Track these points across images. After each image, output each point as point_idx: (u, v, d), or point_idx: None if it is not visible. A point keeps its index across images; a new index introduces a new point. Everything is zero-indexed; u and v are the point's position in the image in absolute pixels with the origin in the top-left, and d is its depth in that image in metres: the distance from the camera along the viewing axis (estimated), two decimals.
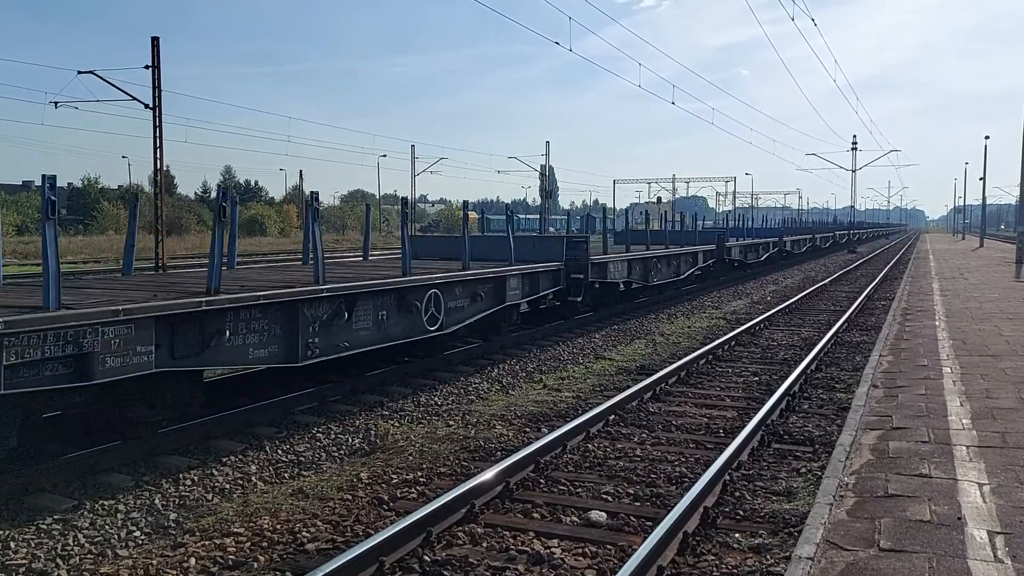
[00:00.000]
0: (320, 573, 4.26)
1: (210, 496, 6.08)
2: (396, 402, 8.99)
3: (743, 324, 15.14)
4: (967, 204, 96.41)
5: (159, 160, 23.98)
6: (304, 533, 5.28)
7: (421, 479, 6.39)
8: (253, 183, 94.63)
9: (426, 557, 4.85)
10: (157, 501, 5.90)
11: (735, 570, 4.70)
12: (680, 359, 11.19)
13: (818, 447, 7.16)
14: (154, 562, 4.85)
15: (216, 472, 6.57)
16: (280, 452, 7.16)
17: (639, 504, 5.84)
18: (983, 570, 3.98)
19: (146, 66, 23.58)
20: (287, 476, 6.57)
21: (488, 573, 4.70)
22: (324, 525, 5.44)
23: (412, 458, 6.98)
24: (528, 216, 66.42)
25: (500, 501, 5.84)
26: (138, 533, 5.34)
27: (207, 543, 5.14)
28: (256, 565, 4.81)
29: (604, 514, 5.55)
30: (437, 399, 9.23)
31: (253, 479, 6.46)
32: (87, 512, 5.65)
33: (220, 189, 8.06)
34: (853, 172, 67.88)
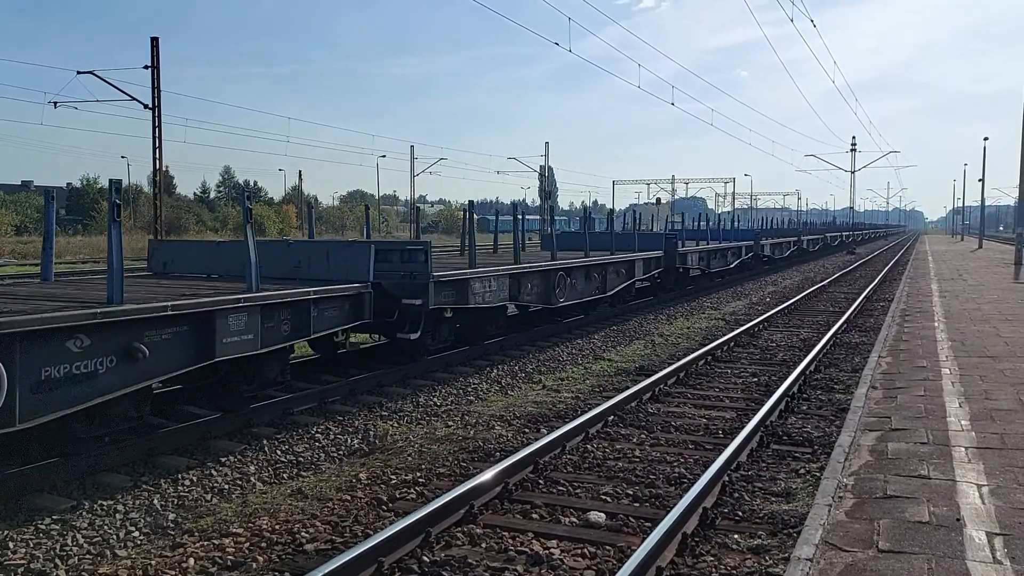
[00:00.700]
0: (319, 573, 4.26)
1: (209, 496, 6.07)
2: (395, 402, 8.99)
3: (742, 325, 15.15)
4: (966, 205, 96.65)
5: (158, 160, 23.98)
6: (303, 533, 5.28)
7: (420, 479, 6.39)
8: (252, 183, 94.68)
9: (425, 558, 4.85)
10: (156, 501, 5.89)
11: (734, 571, 4.70)
12: (679, 360, 11.19)
13: (817, 448, 7.16)
14: (153, 562, 4.85)
15: (215, 472, 6.57)
16: (279, 452, 7.16)
17: (638, 505, 5.84)
18: (982, 571, 3.98)
19: (145, 66, 23.60)
20: (286, 476, 6.57)
21: (487, 574, 4.69)
22: (323, 525, 5.44)
23: (411, 459, 6.98)
24: (528, 216, 66.39)
25: (499, 502, 5.84)
26: (137, 533, 5.34)
27: (206, 543, 5.14)
28: (255, 565, 4.81)
29: (603, 515, 5.55)
30: (436, 399, 9.22)
31: (252, 479, 6.46)
32: (86, 512, 5.65)
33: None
34: (852, 173, 67.95)
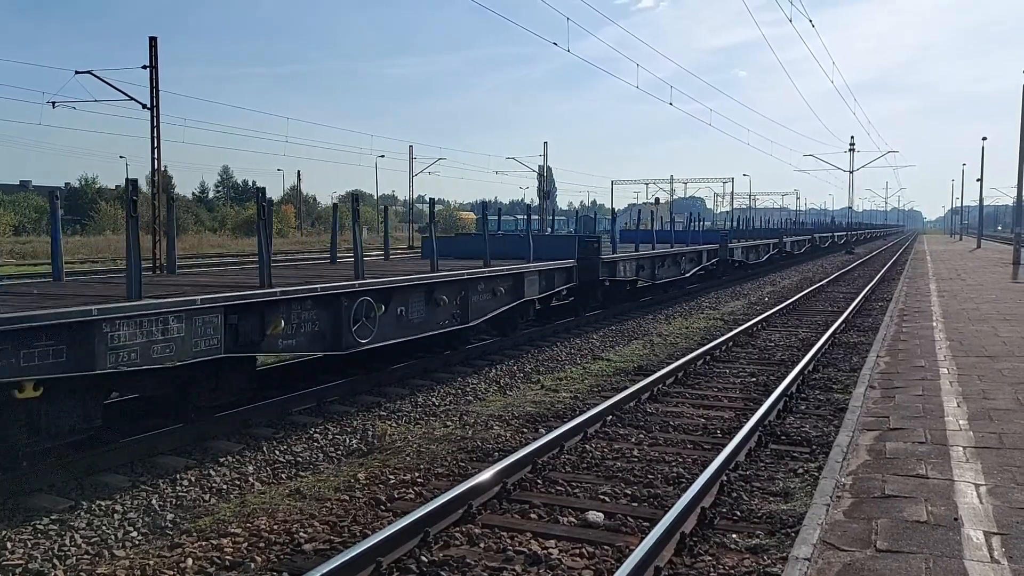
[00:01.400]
0: (318, 574, 4.26)
1: (207, 497, 6.07)
2: (393, 402, 8.99)
3: (740, 325, 15.15)
4: (964, 205, 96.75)
5: (157, 160, 23.95)
6: (301, 533, 5.28)
7: (419, 480, 6.39)
8: (251, 183, 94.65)
9: (423, 558, 4.85)
10: (154, 501, 5.89)
11: (732, 571, 4.70)
12: (678, 360, 11.20)
13: (815, 448, 7.16)
14: (151, 562, 4.85)
15: (213, 472, 6.57)
16: (277, 452, 7.16)
17: (636, 504, 5.84)
18: (980, 571, 3.98)
19: (144, 66, 23.55)
20: (284, 476, 6.56)
21: (485, 574, 4.69)
22: (321, 526, 5.44)
23: (410, 459, 6.98)
24: (522, 216, 66.22)
25: (498, 502, 5.84)
26: (135, 534, 5.34)
27: (204, 543, 5.14)
28: (253, 566, 4.81)
29: (601, 515, 5.56)
30: (435, 399, 9.22)
31: (250, 479, 6.46)
32: (84, 512, 5.64)
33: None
34: (851, 173, 67.96)
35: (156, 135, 23.79)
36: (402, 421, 8.27)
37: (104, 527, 5.42)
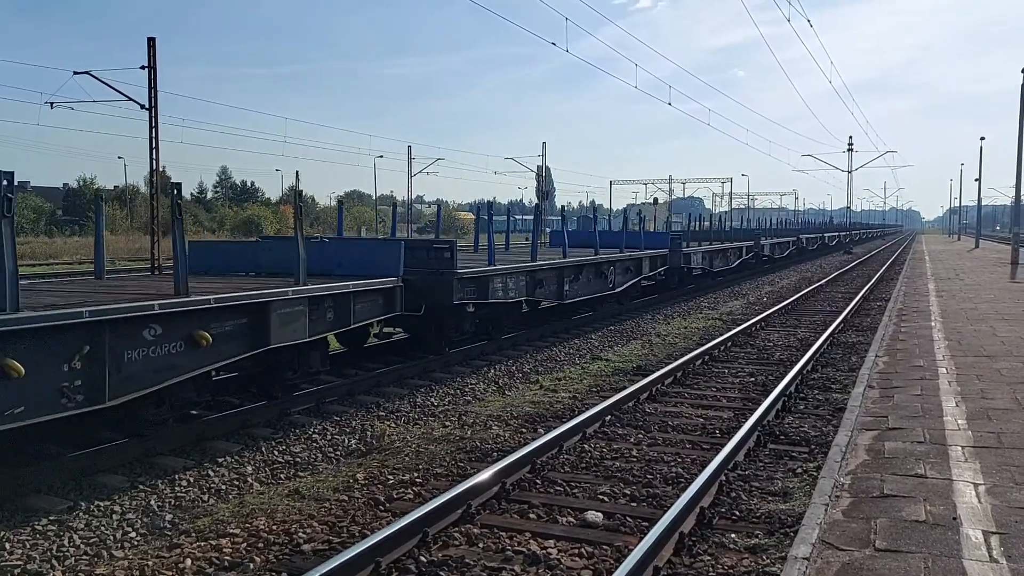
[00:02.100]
0: (316, 574, 4.26)
1: (206, 497, 6.07)
2: (392, 403, 8.98)
3: (739, 325, 15.16)
4: (963, 205, 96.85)
5: (155, 161, 23.93)
6: (300, 534, 5.27)
7: (417, 480, 6.39)
8: (249, 184, 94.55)
9: (422, 558, 4.85)
10: (153, 502, 5.89)
11: (731, 570, 4.71)
12: (676, 360, 11.20)
13: (814, 447, 7.16)
14: (150, 563, 4.84)
15: (212, 473, 6.56)
16: (276, 453, 7.15)
17: (635, 504, 5.84)
18: (978, 570, 3.99)
19: (142, 67, 23.52)
20: (283, 477, 6.56)
21: (484, 574, 4.69)
22: (320, 526, 5.43)
23: (408, 459, 6.97)
24: (525, 217, 66.31)
25: (496, 502, 5.84)
26: (134, 534, 5.33)
27: (203, 544, 5.13)
28: (252, 566, 4.80)
29: (600, 514, 5.56)
30: (433, 400, 9.22)
31: (249, 480, 6.45)
32: (83, 513, 5.64)
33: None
34: (849, 173, 68.06)
35: (155, 136, 23.77)
36: (401, 421, 8.26)
37: (103, 528, 5.41)
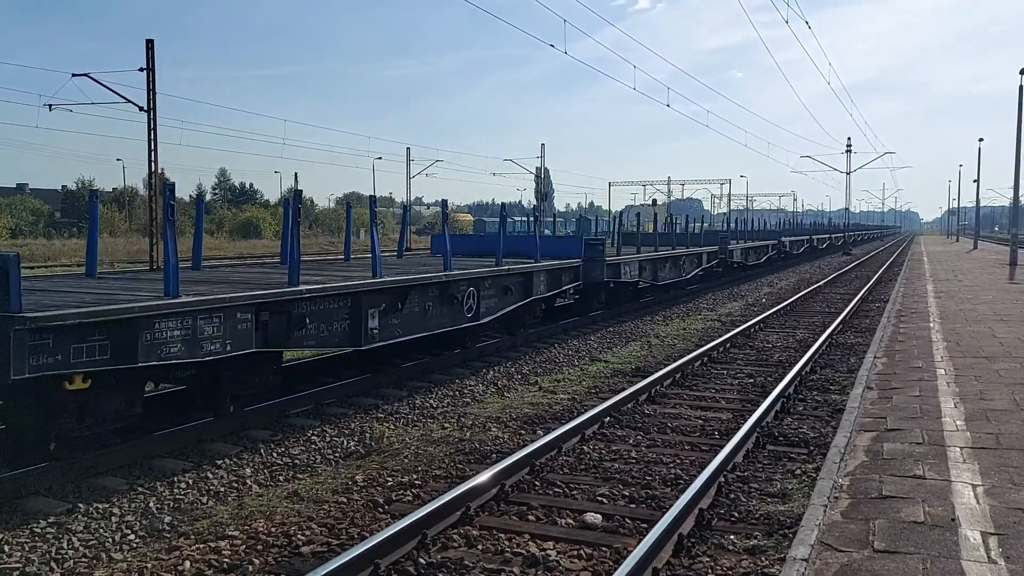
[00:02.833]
0: None
1: (205, 499, 6.06)
2: (391, 404, 8.98)
3: (738, 326, 15.17)
4: (961, 206, 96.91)
5: (154, 163, 23.94)
6: (299, 536, 5.27)
7: (416, 482, 6.38)
8: (248, 185, 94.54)
9: (421, 560, 4.85)
10: (152, 504, 5.88)
11: (730, 572, 4.71)
12: (675, 361, 11.20)
13: (813, 449, 7.17)
14: (149, 565, 4.84)
15: (211, 475, 6.56)
16: (275, 455, 7.15)
17: (634, 506, 5.84)
18: (977, 571, 3.99)
19: (141, 68, 23.55)
20: (282, 479, 6.56)
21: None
22: (319, 528, 5.43)
23: (407, 461, 6.97)
24: (523, 219, 66.24)
25: (495, 503, 5.84)
26: (133, 536, 5.33)
27: (202, 546, 5.13)
28: (251, 568, 4.80)
29: (599, 516, 5.56)
30: (432, 401, 9.22)
31: (248, 482, 6.45)
32: (81, 515, 5.63)
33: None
34: (847, 174, 68.01)
35: (153, 137, 23.78)
36: (400, 423, 8.26)
37: (102, 530, 5.41)
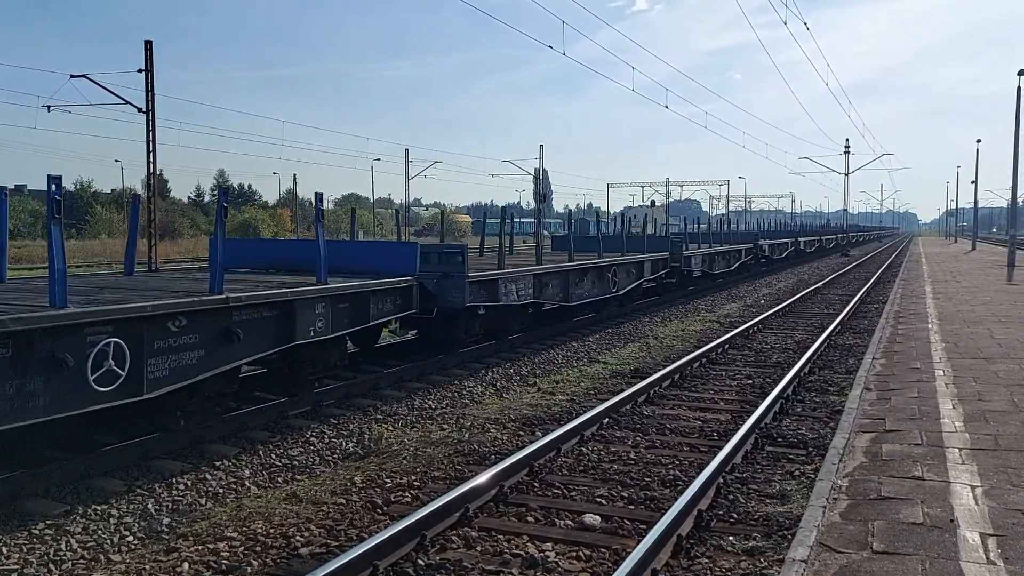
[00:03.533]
0: None
1: (203, 501, 6.06)
2: (390, 405, 8.98)
3: (736, 327, 15.17)
4: (959, 207, 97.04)
5: (152, 164, 23.93)
6: (298, 537, 5.27)
7: (415, 483, 6.38)
8: (247, 187, 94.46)
9: (420, 561, 4.85)
10: (150, 506, 5.88)
11: (729, 573, 4.71)
12: (674, 362, 11.20)
13: (811, 450, 7.17)
14: (147, 567, 4.84)
15: (209, 476, 6.55)
16: (274, 456, 7.14)
17: (633, 507, 5.84)
18: (976, 572, 3.99)
19: (139, 70, 23.53)
20: (281, 480, 6.55)
21: None
22: (318, 529, 5.43)
23: (406, 462, 6.97)
24: (522, 219, 66.30)
25: (494, 505, 5.84)
26: (131, 538, 5.32)
27: (200, 548, 5.13)
28: (250, 570, 4.80)
29: (598, 517, 5.55)
30: (431, 403, 9.22)
31: (246, 483, 6.44)
32: (80, 517, 5.63)
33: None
34: (846, 176, 68.10)
35: (152, 139, 23.77)
36: (398, 424, 8.26)
37: (100, 532, 5.40)
